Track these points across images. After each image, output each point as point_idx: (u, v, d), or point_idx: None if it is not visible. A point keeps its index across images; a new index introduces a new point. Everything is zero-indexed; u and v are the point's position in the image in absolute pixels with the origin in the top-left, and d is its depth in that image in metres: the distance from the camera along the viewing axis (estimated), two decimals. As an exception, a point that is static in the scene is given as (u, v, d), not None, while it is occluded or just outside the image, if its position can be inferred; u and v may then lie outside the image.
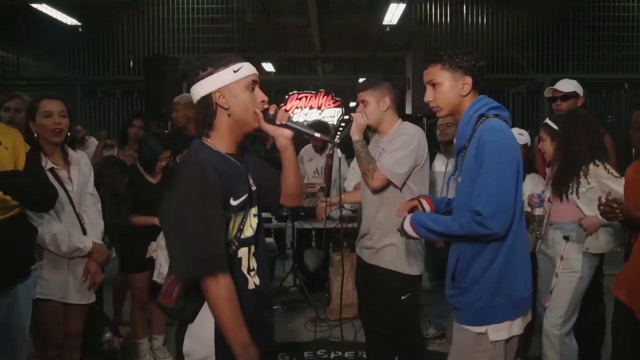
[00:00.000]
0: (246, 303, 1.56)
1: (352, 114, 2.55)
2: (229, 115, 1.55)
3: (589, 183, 2.56)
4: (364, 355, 3.55)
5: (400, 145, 2.42)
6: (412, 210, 2.05)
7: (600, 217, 2.44)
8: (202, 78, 1.53)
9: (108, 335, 3.05)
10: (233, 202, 1.54)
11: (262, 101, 1.58)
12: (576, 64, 7.63)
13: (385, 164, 2.41)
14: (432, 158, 3.67)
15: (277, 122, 1.58)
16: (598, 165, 2.55)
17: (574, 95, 3.27)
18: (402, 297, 2.45)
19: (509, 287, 1.81)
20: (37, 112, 2.37)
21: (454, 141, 1.95)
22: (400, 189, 2.43)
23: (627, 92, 7.56)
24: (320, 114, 8.34)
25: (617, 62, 7.83)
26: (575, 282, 2.60)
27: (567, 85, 3.30)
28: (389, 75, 3.25)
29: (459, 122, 1.88)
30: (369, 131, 2.90)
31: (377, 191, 2.45)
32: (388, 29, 7.80)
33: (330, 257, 4.40)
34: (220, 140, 1.57)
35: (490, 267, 1.80)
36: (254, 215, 1.63)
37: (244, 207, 1.57)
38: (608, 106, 7.71)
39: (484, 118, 1.83)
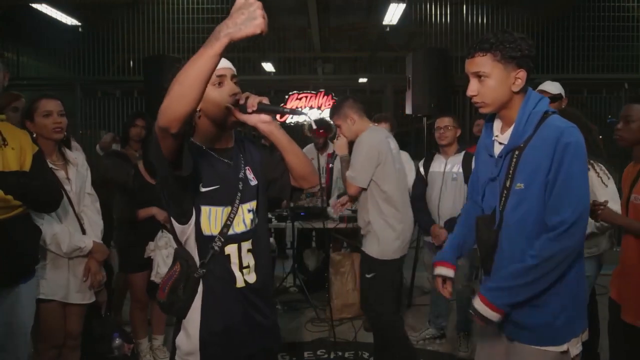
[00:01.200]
0: (231, 301, 1.56)
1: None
2: (200, 117, 1.56)
3: None
4: (364, 355, 3.55)
5: (355, 154, 2.92)
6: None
7: None
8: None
9: (118, 341, 3.05)
10: (202, 189, 1.54)
11: (233, 94, 1.55)
12: (576, 64, 7.61)
13: (347, 174, 2.96)
14: (430, 158, 3.67)
15: (249, 110, 1.53)
16: (589, 169, 2.53)
17: (559, 97, 3.30)
18: (367, 276, 2.94)
19: (582, 294, 1.68)
20: (35, 112, 2.37)
21: (504, 141, 1.71)
22: (366, 188, 2.92)
23: (627, 92, 7.55)
24: (320, 114, 8.33)
25: (617, 62, 7.82)
26: None
27: (553, 87, 3.33)
28: (391, 74, 3.44)
29: (516, 120, 1.66)
30: None
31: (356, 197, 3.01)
32: (388, 29, 7.80)
33: (330, 257, 4.40)
34: (202, 139, 1.59)
35: (567, 276, 1.61)
36: (249, 211, 1.61)
37: (225, 202, 1.55)
38: (608, 106, 7.69)
39: (546, 115, 1.65)
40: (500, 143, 1.72)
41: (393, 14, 7.16)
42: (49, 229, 2.34)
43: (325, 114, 8.33)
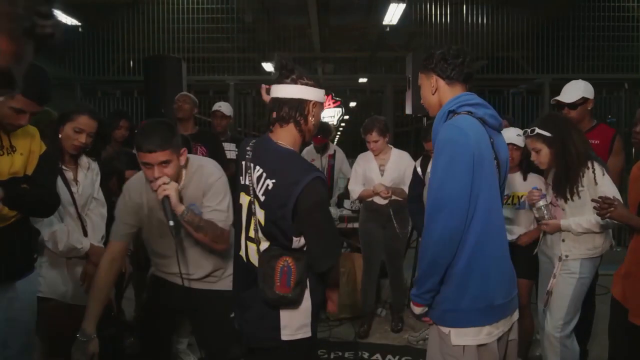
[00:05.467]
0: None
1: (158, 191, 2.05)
2: (307, 124, 1.82)
3: (582, 186, 2.56)
4: (364, 355, 3.55)
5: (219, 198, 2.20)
6: None
7: (561, 222, 2.57)
8: (307, 85, 1.79)
9: (132, 339, 3.05)
10: None
11: None
12: (576, 64, 7.61)
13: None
14: (427, 159, 3.59)
15: None
16: (589, 168, 2.54)
17: (581, 102, 3.13)
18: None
19: (476, 292, 1.73)
20: (69, 122, 2.41)
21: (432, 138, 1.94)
22: None
23: (627, 92, 7.55)
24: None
25: (617, 62, 7.82)
26: (574, 283, 2.59)
27: (571, 95, 3.14)
28: (391, 73, 3.29)
29: (435, 120, 1.89)
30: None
31: None
32: (388, 29, 7.80)
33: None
34: (292, 140, 1.81)
35: (452, 270, 1.73)
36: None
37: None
38: (608, 106, 7.70)
39: (453, 115, 1.81)
40: None
41: (393, 14, 7.17)
42: (48, 227, 2.34)
43: (326, 114, 8.33)
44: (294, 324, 1.80)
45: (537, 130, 2.64)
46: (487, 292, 1.74)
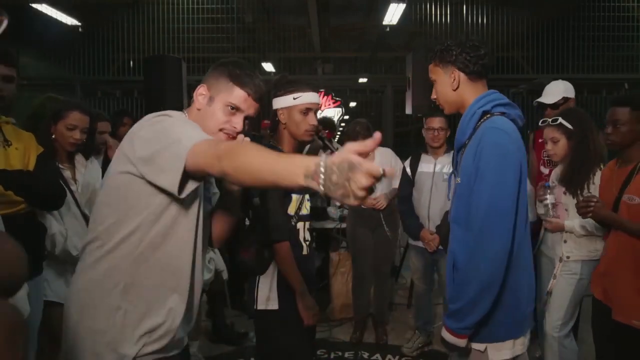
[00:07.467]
0: (299, 263, 2.10)
1: None
2: (285, 128, 2.12)
3: (593, 184, 2.55)
4: (364, 355, 3.55)
5: None
6: None
7: (565, 223, 2.56)
8: (276, 96, 2.14)
9: None
10: None
11: (311, 124, 2.11)
12: (576, 64, 7.62)
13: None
14: (417, 158, 3.57)
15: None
16: (601, 169, 2.54)
17: (562, 102, 3.19)
18: None
19: (512, 303, 1.66)
20: (61, 120, 2.41)
21: (455, 138, 1.83)
22: None
23: (627, 92, 7.55)
24: (320, 114, 8.32)
25: (617, 62, 7.82)
26: (574, 284, 2.59)
27: (553, 96, 3.21)
28: (391, 74, 3.28)
29: (461, 118, 1.76)
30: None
31: None
32: (388, 29, 7.80)
33: (330, 257, 4.39)
34: (282, 143, 2.15)
35: None
36: (308, 200, 2.21)
37: (302, 192, 2.08)
38: (608, 106, 7.68)
39: (488, 115, 1.70)
40: None
41: (393, 14, 7.16)
42: (48, 228, 2.35)
43: (326, 114, 8.33)
44: (262, 295, 2.09)
45: (561, 120, 2.64)
46: (520, 302, 1.69)
